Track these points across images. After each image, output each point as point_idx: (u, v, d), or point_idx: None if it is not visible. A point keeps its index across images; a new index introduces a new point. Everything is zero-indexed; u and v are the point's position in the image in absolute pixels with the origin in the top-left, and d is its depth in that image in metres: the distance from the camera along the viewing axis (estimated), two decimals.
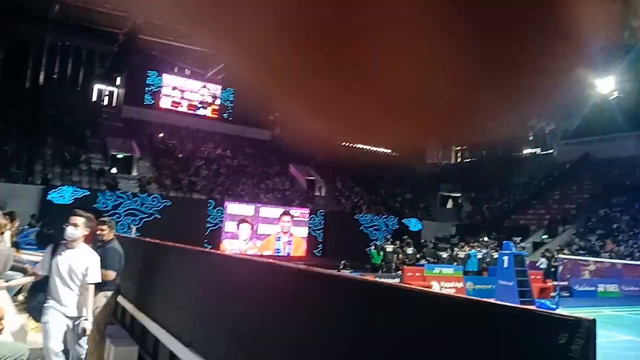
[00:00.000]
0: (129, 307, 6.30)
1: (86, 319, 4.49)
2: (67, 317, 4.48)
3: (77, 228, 4.58)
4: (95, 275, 4.63)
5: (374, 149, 44.53)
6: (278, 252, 25.49)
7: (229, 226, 24.54)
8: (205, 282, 4.37)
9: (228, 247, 23.90)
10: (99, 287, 5.28)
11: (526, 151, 39.81)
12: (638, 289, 17.95)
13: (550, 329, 1.47)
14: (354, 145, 43.10)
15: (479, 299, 1.85)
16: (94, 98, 33.79)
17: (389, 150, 45.38)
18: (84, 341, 4.56)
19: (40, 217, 19.14)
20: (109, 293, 5.35)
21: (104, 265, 5.26)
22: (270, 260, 3.41)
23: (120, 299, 6.20)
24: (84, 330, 4.46)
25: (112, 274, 5.26)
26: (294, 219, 26.39)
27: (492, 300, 1.85)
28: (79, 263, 4.55)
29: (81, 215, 4.68)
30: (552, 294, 15.70)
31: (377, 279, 3.44)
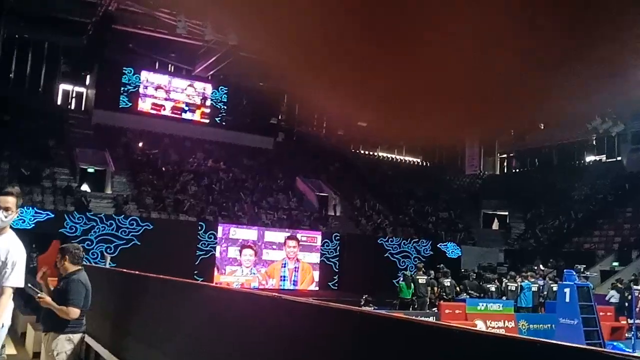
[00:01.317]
0: (104, 353, 6.31)
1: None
2: None
3: (9, 213, 4.55)
4: (16, 277, 4.52)
5: (400, 157, 44.60)
6: (283, 285, 25.46)
7: (226, 253, 24.60)
8: (196, 322, 4.38)
9: (223, 279, 23.91)
10: (61, 328, 5.31)
11: (588, 159, 39.58)
12: None
13: None
14: (375, 154, 43.23)
15: (536, 339, 1.83)
16: (59, 101, 34.25)
17: (418, 160, 45.41)
18: None
19: None
20: (75, 336, 5.33)
21: (65, 301, 5.28)
22: (276, 294, 3.42)
23: (92, 342, 6.22)
24: None
25: (74, 312, 5.23)
26: (301, 243, 26.41)
27: (548, 341, 1.83)
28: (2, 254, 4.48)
29: (11, 194, 4.64)
30: (626, 335, 15.47)
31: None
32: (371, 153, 43.28)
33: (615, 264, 26.82)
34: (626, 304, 17.32)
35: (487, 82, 0.60)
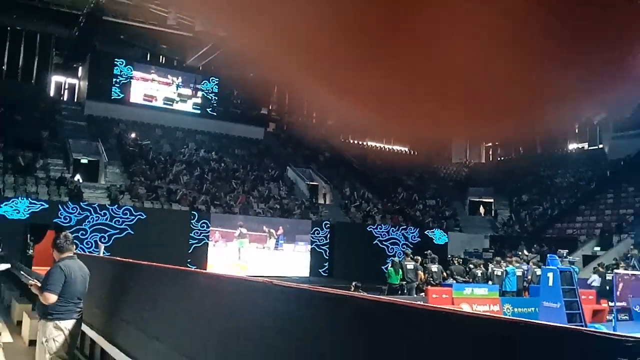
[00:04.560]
0: (98, 339, 6.31)
1: None
2: None
3: None
4: None
5: (389, 147, 44.63)
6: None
7: (218, 242, 24.59)
8: (189, 309, 4.39)
9: (216, 266, 23.90)
10: (46, 315, 5.25)
11: (572, 147, 39.80)
12: None
13: (606, 354, 1.47)
14: (364, 143, 43.23)
15: (517, 318, 1.86)
16: (52, 92, 34.01)
17: (406, 149, 45.46)
18: None
19: None
20: (63, 323, 5.24)
21: (42, 287, 5.23)
22: (267, 280, 3.42)
23: (86, 329, 6.21)
24: None
25: (49, 297, 5.11)
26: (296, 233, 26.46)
27: (533, 320, 1.86)
28: None
29: None
30: (607, 317, 15.62)
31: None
32: (360, 142, 43.29)
33: (597, 248, 27.04)
34: (607, 288, 17.47)
35: (479, 83, 0.59)
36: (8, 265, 9.10)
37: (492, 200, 36.71)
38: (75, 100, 33.97)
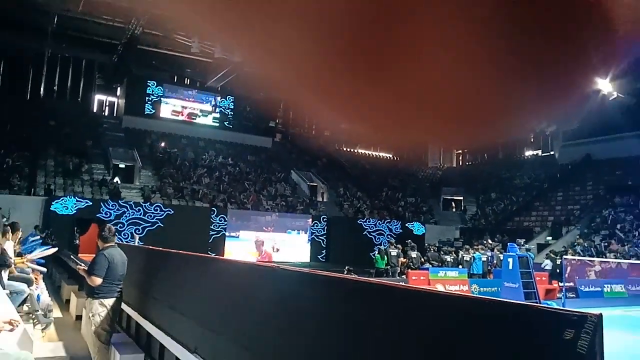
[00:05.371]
0: (134, 314, 6.30)
1: None
2: None
3: None
4: None
5: (376, 153, 44.61)
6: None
7: (235, 234, 24.57)
8: (210, 289, 4.38)
9: (233, 253, 23.88)
10: (92, 294, 5.28)
11: (528, 153, 39.82)
12: None
13: (556, 326, 1.46)
14: (355, 150, 43.21)
15: (482, 297, 1.85)
16: (95, 109, 33.96)
17: (390, 155, 45.46)
18: None
19: (43, 228, 19.18)
20: (107, 301, 5.27)
21: (89, 271, 5.27)
22: (274, 265, 3.42)
23: (124, 306, 6.20)
24: None
25: (95, 280, 5.15)
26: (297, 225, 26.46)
27: (496, 298, 1.85)
28: None
29: None
30: (558, 295, 15.63)
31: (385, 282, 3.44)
32: (352, 150, 43.28)
33: (549, 238, 27.07)
34: (557, 271, 17.50)
35: (451, 98, 0.58)
36: (55, 249, 9.11)
37: (462, 198, 36.73)
38: (115, 115, 33.90)
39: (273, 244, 25.71)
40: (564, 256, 17.68)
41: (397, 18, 0.49)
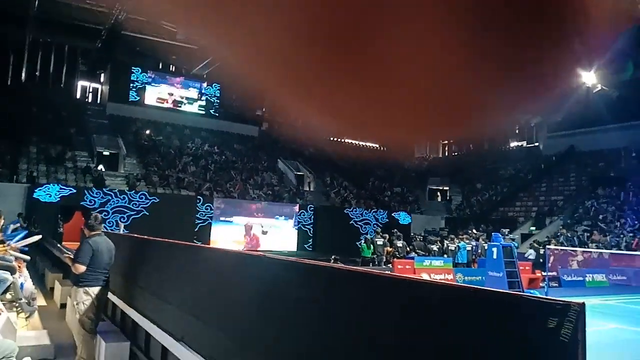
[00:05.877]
0: (120, 303, 6.27)
1: None
2: None
3: None
4: None
5: (363, 143, 44.63)
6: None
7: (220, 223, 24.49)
8: (195, 277, 4.37)
9: (218, 241, 23.82)
10: (77, 282, 5.26)
11: (512, 144, 40.14)
12: (625, 278, 18.24)
13: (540, 314, 1.49)
14: (342, 140, 43.13)
15: (467, 285, 1.87)
16: (78, 95, 33.45)
17: (377, 145, 45.50)
18: None
19: (27, 216, 18.93)
20: (92, 289, 5.23)
21: (74, 258, 5.25)
22: (261, 253, 3.42)
23: (110, 295, 6.17)
24: None
25: (79, 267, 5.14)
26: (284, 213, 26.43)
27: (480, 287, 1.87)
28: None
29: None
30: (541, 284, 15.86)
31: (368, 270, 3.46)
32: (339, 140, 43.22)
33: (533, 228, 27.38)
34: (541, 260, 17.74)
35: (437, 91, 0.58)
36: (39, 237, 9.00)
37: (447, 188, 36.97)
38: (98, 102, 33.44)
39: (261, 228, 25.69)
40: (547, 246, 17.94)
41: (379, 10, 0.49)
